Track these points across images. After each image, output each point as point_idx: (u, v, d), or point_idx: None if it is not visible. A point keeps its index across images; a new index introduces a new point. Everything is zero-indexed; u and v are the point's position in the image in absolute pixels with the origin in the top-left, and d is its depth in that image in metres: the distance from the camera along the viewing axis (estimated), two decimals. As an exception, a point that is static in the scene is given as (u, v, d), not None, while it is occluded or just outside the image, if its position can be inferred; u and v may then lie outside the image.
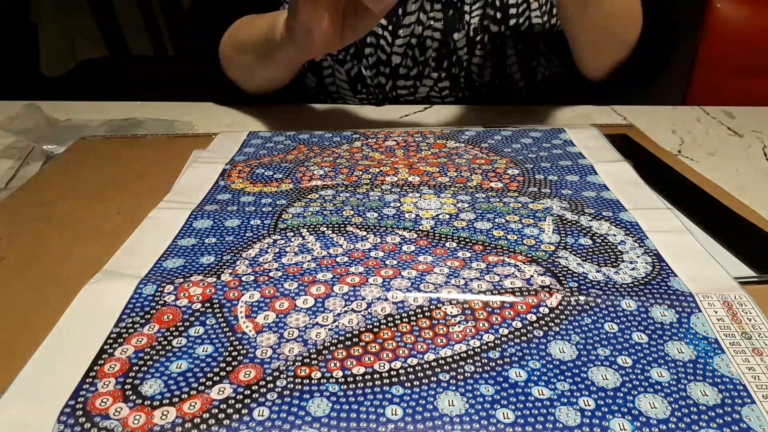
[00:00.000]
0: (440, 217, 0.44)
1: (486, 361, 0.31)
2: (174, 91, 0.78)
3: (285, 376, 0.30)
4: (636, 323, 0.33)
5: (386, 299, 0.35)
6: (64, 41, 1.84)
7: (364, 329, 0.33)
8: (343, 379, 0.30)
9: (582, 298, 0.35)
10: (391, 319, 0.33)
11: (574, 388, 0.29)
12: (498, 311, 0.34)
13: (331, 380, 0.30)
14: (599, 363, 0.31)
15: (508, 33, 0.69)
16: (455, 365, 0.31)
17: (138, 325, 0.33)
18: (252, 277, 0.37)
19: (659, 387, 0.29)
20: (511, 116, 0.68)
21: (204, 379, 0.30)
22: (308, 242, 0.41)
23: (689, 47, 1.03)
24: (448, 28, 0.69)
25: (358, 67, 0.72)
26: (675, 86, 1.09)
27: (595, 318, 0.34)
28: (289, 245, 0.41)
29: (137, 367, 0.30)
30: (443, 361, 0.31)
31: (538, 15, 0.69)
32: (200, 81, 0.79)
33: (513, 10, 0.69)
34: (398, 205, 0.46)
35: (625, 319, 0.34)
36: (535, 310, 0.34)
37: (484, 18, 0.69)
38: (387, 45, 0.70)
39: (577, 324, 0.33)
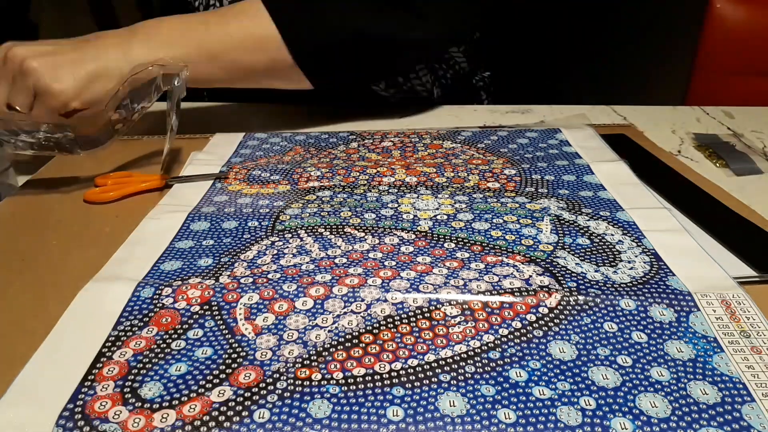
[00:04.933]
0: (438, 217, 0.44)
1: (486, 361, 0.31)
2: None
3: (285, 378, 0.30)
4: (635, 323, 0.33)
5: (385, 300, 0.35)
6: (64, 41, 1.84)
7: (363, 330, 0.33)
8: (343, 381, 0.29)
9: (581, 297, 0.35)
10: (391, 320, 0.33)
11: (575, 387, 0.29)
12: (497, 312, 0.34)
13: (331, 382, 0.29)
14: (599, 363, 0.31)
15: None
16: (456, 366, 0.30)
17: (136, 328, 0.33)
18: (250, 279, 0.36)
19: (659, 386, 0.29)
20: (508, 116, 0.68)
21: (204, 382, 0.29)
22: (306, 244, 0.41)
23: (689, 47, 1.03)
24: None
25: None
26: (675, 86, 1.09)
27: (595, 318, 0.34)
28: (288, 247, 0.41)
29: (136, 370, 0.30)
30: (443, 362, 0.31)
31: None
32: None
33: None
34: (396, 206, 0.46)
35: (624, 319, 0.34)
36: (534, 311, 0.34)
37: None
38: None
39: (576, 324, 0.33)
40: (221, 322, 0.33)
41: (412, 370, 0.30)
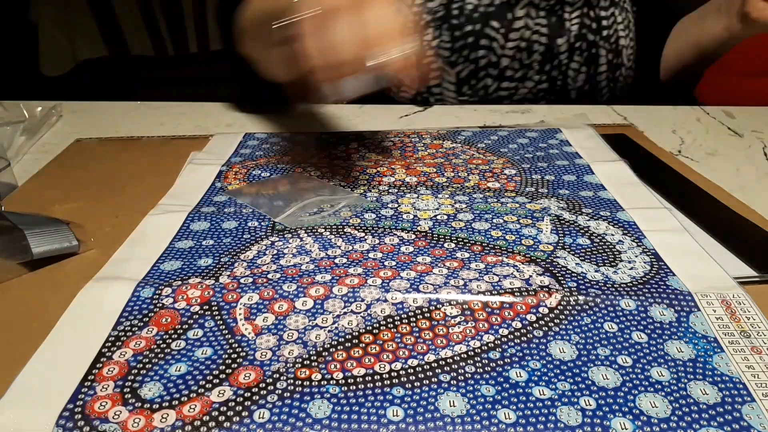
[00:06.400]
0: (438, 217, 0.44)
1: (486, 361, 0.31)
2: (174, 91, 0.78)
3: (285, 378, 0.30)
4: (635, 323, 0.33)
5: (385, 300, 0.35)
6: (64, 41, 1.84)
7: (363, 330, 0.33)
8: (343, 381, 0.29)
9: (581, 297, 0.35)
10: (391, 320, 0.33)
11: (575, 387, 0.29)
12: (497, 312, 0.34)
13: (331, 382, 0.29)
14: (599, 363, 0.31)
15: (601, 42, 0.74)
16: (456, 366, 0.30)
17: (136, 328, 0.33)
18: (250, 279, 0.36)
19: (659, 386, 0.29)
20: (508, 116, 0.68)
21: (204, 382, 0.29)
22: (306, 244, 0.41)
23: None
24: (553, 33, 0.73)
25: (468, 69, 0.74)
26: (675, 87, 1.09)
27: (595, 318, 0.34)
28: (287, 247, 0.41)
29: (136, 370, 0.30)
30: (443, 362, 0.31)
31: (622, 28, 0.75)
32: (199, 81, 0.78)
33: (605, 22, 0.74)
34: (396, 206, 0.46)
35: (624, 319, 0.34)
36: (534, 311, 0.34)
37: (582, 27, 0.73)
38: (499, 47, 0.73)
39: (576, 324, 0.33)
40: (221, 322, 0.33)
41: (412, 370, 0.30)
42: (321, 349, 0.31)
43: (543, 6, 0.72)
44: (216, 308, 0.34)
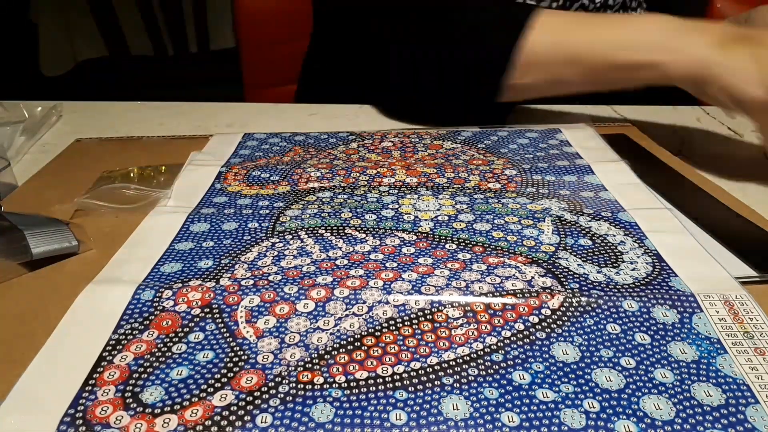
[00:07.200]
0: (439, 218, 0.44)
1: (489, 363, 0.31)
2: (174, 91, 0.77)
3: (287, 381, 0.29)
4: (638, 324, 0.33)
5: (387, 302, 0.35)
6: (64, 41, 1.85)
7: (365, 333, 0.33)
8: (346, 384, 0.29)
9: (584, 299, 0.35)
10: (393, 322, 0.33)
11: (579, 390, 0.29)
12: (500, 313, 0.34)
13: (334, 385, 0.29)
14: (603, 364, 0.31)
15: None
16: (458, 368, 0.30)
17: (137, 332, 0.33)
18: (251, 282, 0.36)
19: (663, 388, 0.29)
20: (508, 116, 0.68)
21: (205, 386, 0.29)
22: (307, 245, 0.41)
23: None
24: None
25: None
26: (675, 86, 1.09)
27: (598, 319, 0.34)
28: (288, 248, 0.40)
29: (137, 375, 0.30)
30: (446, 365, 0.31)
31: None
32: (199, 81, 0.78)
33: None
34: (396, 206, 0.46)
35: (627, 320, 0.33)
36: (537, 312, 0.34)
37: None
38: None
39: (579, 325, 0.33)
40: (222, 325, 0.33)
41: (414, 373, 0.30)
42: (323, 352, 0.31)
43: None
44: (217, 311, 0.34)
